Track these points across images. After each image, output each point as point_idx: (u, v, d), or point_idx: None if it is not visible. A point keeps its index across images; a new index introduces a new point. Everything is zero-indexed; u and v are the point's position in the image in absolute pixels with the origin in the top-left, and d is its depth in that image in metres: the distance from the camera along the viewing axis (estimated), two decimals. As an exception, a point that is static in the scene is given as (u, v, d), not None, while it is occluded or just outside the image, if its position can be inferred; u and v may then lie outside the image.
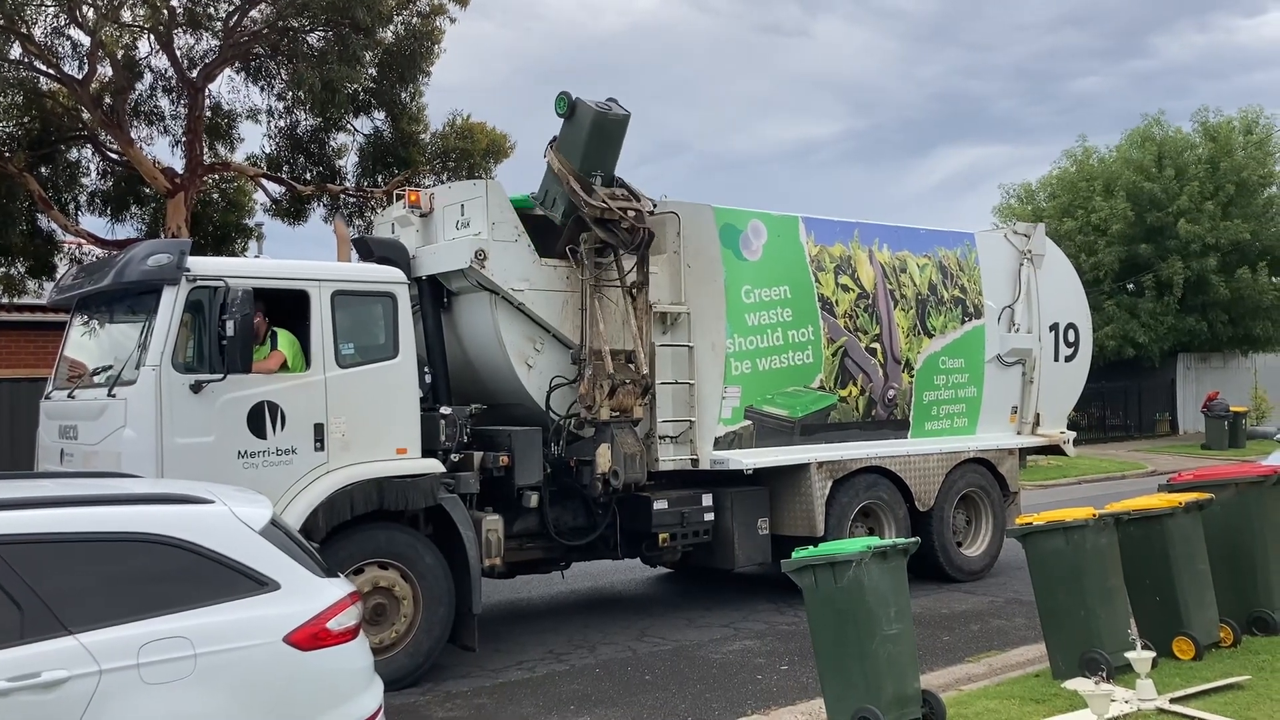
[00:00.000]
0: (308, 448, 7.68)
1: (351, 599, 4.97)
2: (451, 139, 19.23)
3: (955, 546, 11.61)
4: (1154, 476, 22.38)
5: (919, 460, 11.19)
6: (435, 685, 8.03)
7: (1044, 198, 35.14)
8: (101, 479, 6.12)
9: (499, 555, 8.59)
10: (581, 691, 7.83)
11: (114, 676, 4.19)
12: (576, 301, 9.34)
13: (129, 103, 18.24)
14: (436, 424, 8.47)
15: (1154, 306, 31.71)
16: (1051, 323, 12.60)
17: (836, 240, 10.88)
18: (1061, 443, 12.79)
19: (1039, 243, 12.52)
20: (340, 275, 8.27)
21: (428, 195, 9.66)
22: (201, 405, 7.30)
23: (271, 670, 4.57)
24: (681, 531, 9.73)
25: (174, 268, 7.37)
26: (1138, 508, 7.74)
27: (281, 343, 7.91)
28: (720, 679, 8.08)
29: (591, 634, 9.61)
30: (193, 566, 4.56)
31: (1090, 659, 7.06)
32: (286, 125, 19.55)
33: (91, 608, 4.30)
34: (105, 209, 19.70)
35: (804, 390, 10.48)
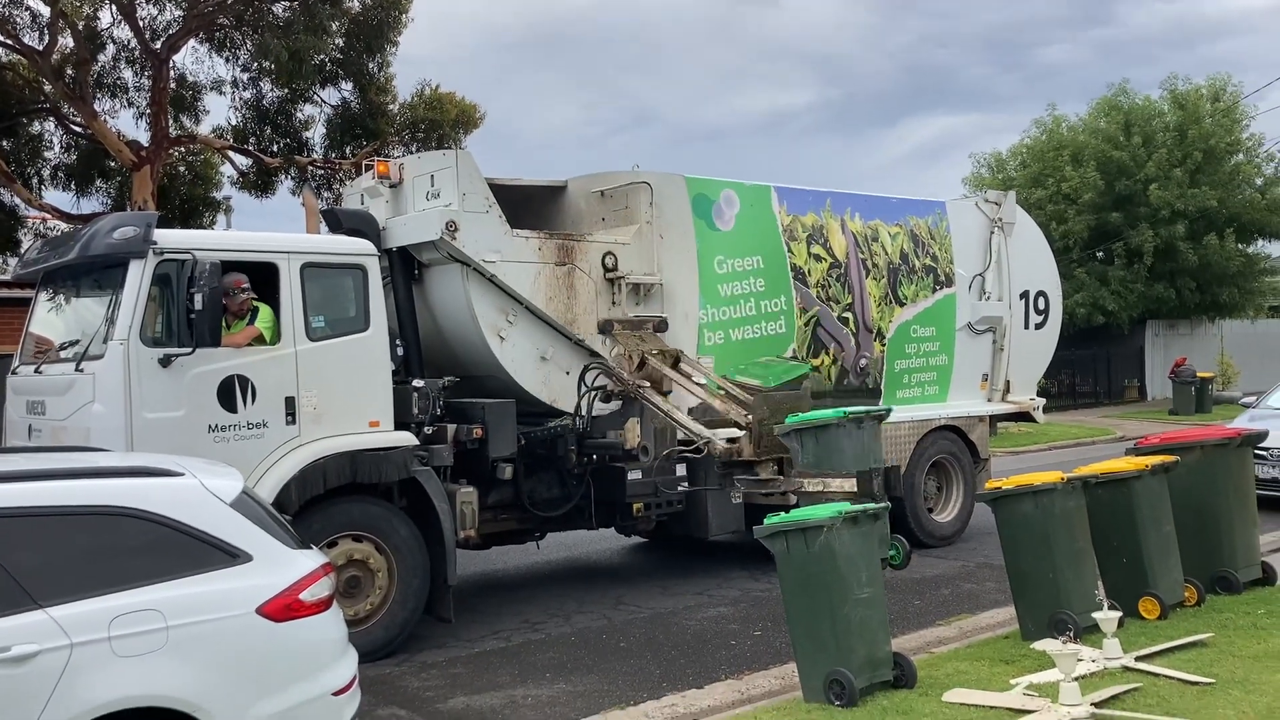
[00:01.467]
0: (279, 421, 7.63)
1: (324, 570, 4.98)
2: (420, 109, 19.10)
3: (926, 512, 11.72)
4: (1122, 442, 22.65)
5: (890, 428, 11.14)
6: (410, 656, 8.05)
7: (1014, 166, 35.27)
8: (70, 453, 6.07)
9: (474, 527, 8.55)
10: (557, 660, 7.87)
11: (85, 650, 4.18)
12: (549, 273, 9.28)
13: (91, 75, 17.98)
14: (409, 397, 8.43)
15: (1124, 274, 31.96)
16: (1022, 290, 12.69)
17: (809, 209, 10.89)
18: (1031, 409, 12.91)
19: (1009, 211, 12.59)
20: (310, 247, 8.20)
21: (397, 166, 9.57)
22: (171, 379, 7.24)
23: (244, 642, 4.58)
24: (656, 501, 9.71)
25: (141, 240, 7.28)
26: (1105, 471, 7.83)
27: (261, 318, 7.82)
28: (694, 645, 8.15)
29: (567, 603, 9.65)
30: (163, 539, 4.55)
31: (1059, 620, 7.16)
32: (252, 97, 19.37)
33: (62, 581, 4.29)
34: (69, 183, 19.47)
35: (777, 360, 10.51)
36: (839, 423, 7.39)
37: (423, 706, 6.91)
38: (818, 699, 6.22)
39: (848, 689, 6.10)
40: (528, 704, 6.88)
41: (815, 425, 7.47)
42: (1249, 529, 8.70)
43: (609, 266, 9.63)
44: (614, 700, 6.85)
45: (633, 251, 9.79)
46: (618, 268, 9.67)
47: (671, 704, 6.68)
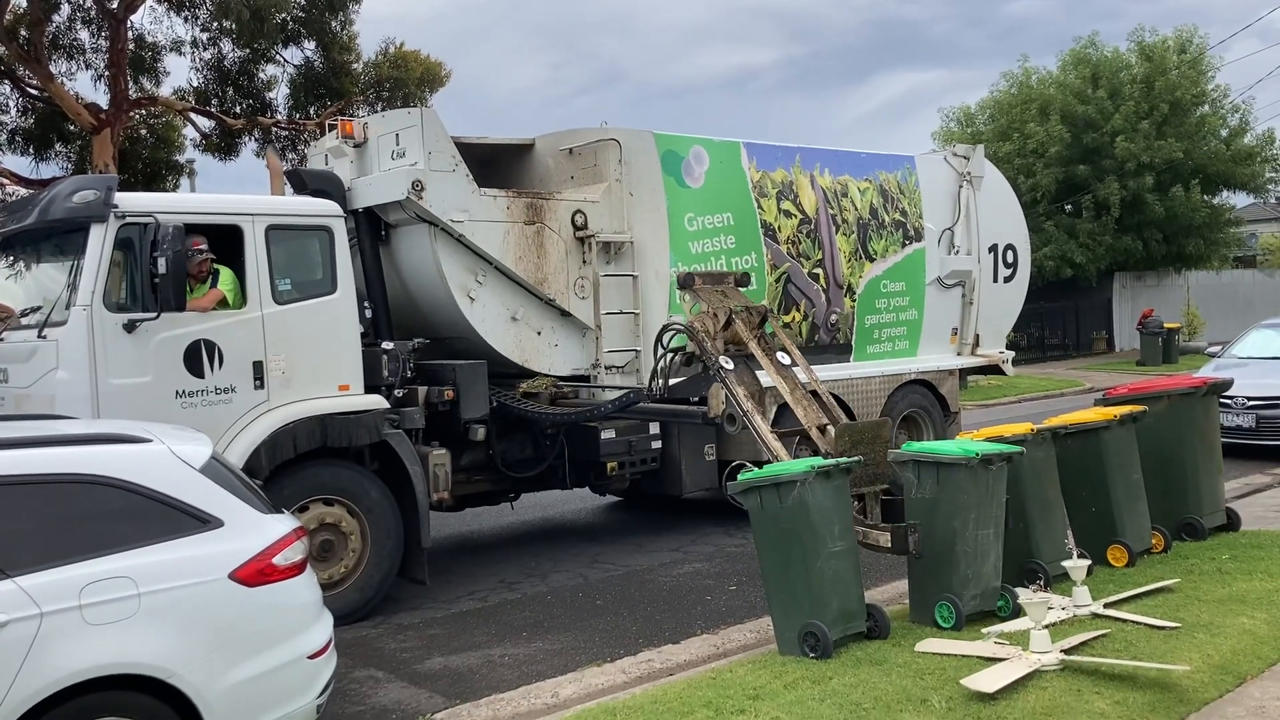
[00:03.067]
0: (247, 386, 7.59)
1: (296, 534, 4.95)
2: (385, 68, 18.87)
3: None
4: (1091, 393, 22.88)
5: (861, 383, 11.32)
6: (387, 618, 8.05)
7: (983, 121, 35.30)
8: (35, 421, 5.99)
9: (446, 489, 8.54)
10: (534, 619, 7.91)
11: (56, 619, 4.15)
12: (518, 233, 9.19)
13: (46, 36, 17.59)
14: (378, 359, 8.38)
15: (1092, 227, 32.14)
16: (990, 244, 12.74)
17: (778, 165, 10.85)
18: (1000, 362, 13.00)
19: (978, 165, 12.59)
20: (274, 209, 8.08)
21: (361, 125, 9.42)
22: (136, 345, 7.16)
23: (217, 607, 4.56)
24: (629, 460, 9.76)
25: (101, 204, 7.16)
26: (1075, 422, 7.91)
27: (223, 280, 7.74)
28: (670, 601, 8.20)
29: (543, 563, 9.68)
30: (133, 506, 4.51)
31: (1029, 569, 7.25)
32: (213, 57, 19.06)
33: (30, 550, 4.25)
34: (27, 147, 19.12)
35: None
36: (968, 462, 6.56)
37: (400, 668, 6.92)
38: (793, 651, 6.28)
39: (822, 641, 6.17)
40: (505, 663, 6.91)
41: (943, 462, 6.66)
42: (1214, 476, 8.83)
43: (579, 225, 9.55)
44: (591, 657, 6.89)
45: (602, 210, 9.72)
46: (588, 226, 9.59)
47: (648, 660, 6.73)
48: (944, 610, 6.64)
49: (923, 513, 6.77)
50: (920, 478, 6.79)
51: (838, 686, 5.73)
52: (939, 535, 6.68)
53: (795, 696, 5.62)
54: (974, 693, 5.47)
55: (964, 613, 6.59)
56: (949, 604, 6.62)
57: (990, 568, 6.78)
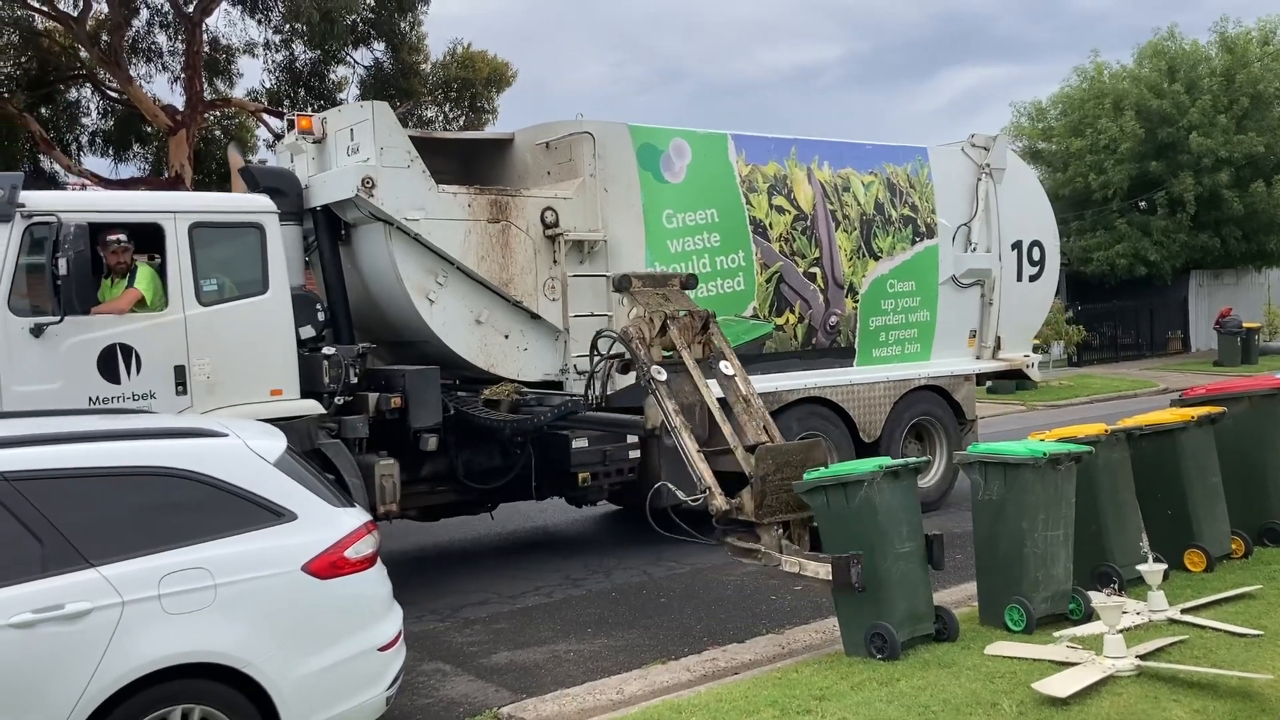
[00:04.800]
0: (168, 391, 7.23)
1: (367, 528, 5.02)
2: (453, 68, 19.05)
3: None
4: (1166, 394, 22.37)
5: (863, 389, 10.73)
6: (454, 612, 8.14)
7: (1054, 116, 34.66)
8: (117, 415, 6.15)
9: (394, 501, 8.12)
10: (598, 615, 7.93)
11: (136, 607, 4.26)
12: (480, 231, 8.80)
13: (126, 40, 18.04)
14: (319, 364, 7.96)
15: (1166, 224, 31.41)
16: (1014, 241, 12.05)
17: (770, 159, 10.37)
18: (1025, 367, 12.32)
19: (1000, 156, 11.88)
20: (198, 206, 7.77)
21: (319, 120, 9.03)
22: (45, 350, 6.83)
23: (291, 599, 4.64)
24: (604, 470, 9.19)
25: (5, 203, 6.85)
26: (1150, 422, 7.73)
27: (140, 279, 7.39)
28: (735, 601, 8.17)
29: (607, 559, 9.70)
30: (209, 499, 4.61)
31: (1102, 572, 7.11)
32: (285, 59, 19.41)
33: (112, 541, 4.36)
34: (107, 149, 19.65)
35: (735, 319, 9.94)
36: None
37: (467, 661, 6.99)
38: (859, 652, 6.23)
39: (889, 642, 6.10)
40: (570, 658, 6.94)
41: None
42: (1297, 480, 8.57)
43: (549, 223, 9.14)
44: (655, 654, 6.89)
45: (575, 206, 9.28)
46: (558, 224, 9.17)
47: (712, 658, 6.71)
48: (1014, 613, 6.53)
49: (990, 514, 6.67)
50: (987, 479, 6.68)
51: (905, 689, 5.67)
52: (1007, 537, 6.58)
53: (862, 698, 5.57)
54: (1046, 697, 5.38)
55: (1035, 616, 6.48)
56: (1019, 607, 6.52)
57: (1061, 570, 6.66)
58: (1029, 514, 6.50)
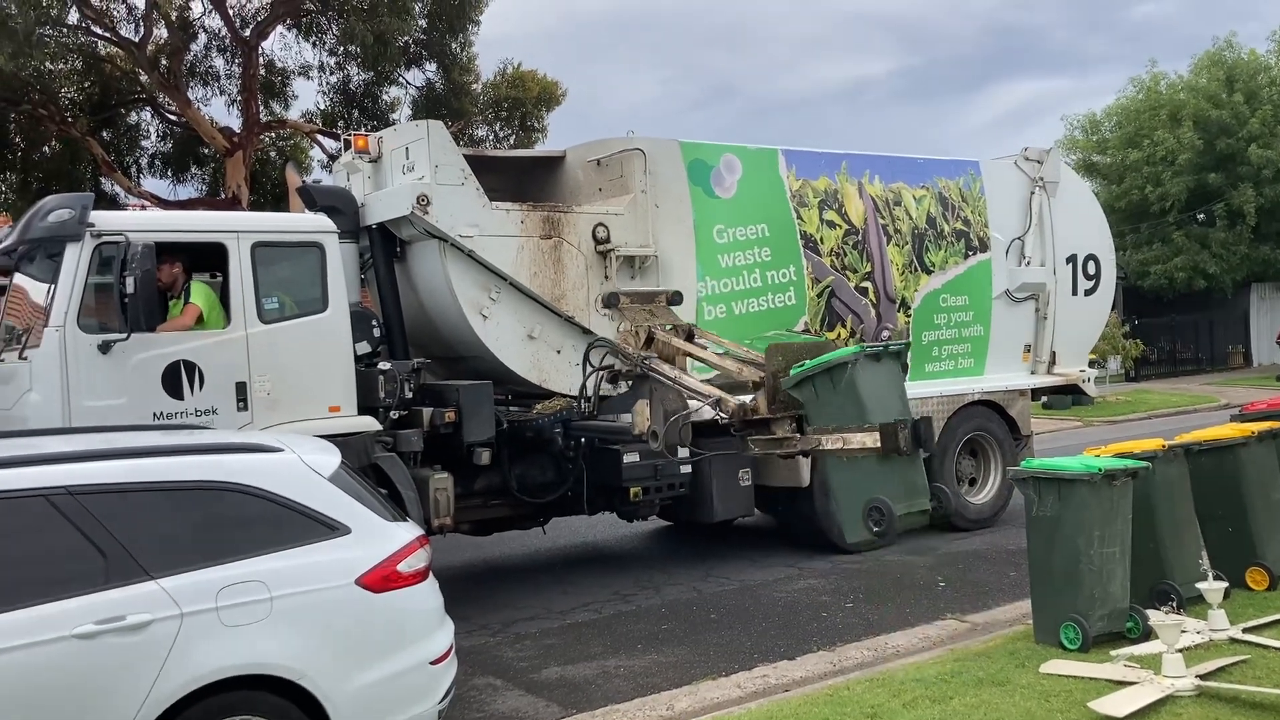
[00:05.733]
0: (229, 408, 7.31)
1: (420, 542, 5.07)
2: (503, 88, 19.23)
3: (960, 494, 11.06)
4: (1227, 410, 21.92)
5: (917, 405, 10.31)
6: (505, 627, 8.18)
7: (1109, 128, 34.22)
8: (176, 430, 6.28)
9: (449, 515, 8.17)
10: (648, 631, 7.93)
11: (195, 619, 4.33)
12: (533, 247, 8.86)
13: (185, 64, 18.45)
14: (375, 380, 8.01)
15: (1225, 236, 30.87)
16: (1069, 254, 11.93)
17: (821, 173, 10.36)
18: (1081, 382, 12.14)
19: (1053, 169, 11.81)
20: (261, 226, 7.89)
21: (375, 140, 9.20)
22: (112, 366, 6.94)
23: (345, 612, 4.70)
24: (655, 485, 9.21)
25: (76, 223, 7.00)
26: (1210, 438, 7.60)
27: (195, 295, 7.52)
28: (785, 617, 8.13)
29: (656, 575, 9.70)
30: (266, 512, 4.68)
31: (1161, 590, 6.98)
32: (339, 80, 19.70)
33: (171, 554, 4.44)
34: (166, 170, 20.04)
35: (786, 334, 9.87)
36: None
37: (517, 676, 7.02)
38: (859, 535, 6.60)
39: (887, 515, 6.37)
40: (620, 674, 6.95)
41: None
42: (1363, 497, 8.36)
43: (600, 239, 9.16)
44: (705, 671, 6.87)
45: (626, 222, 9.30)
46: (609, 240, 9.19)
47: (763, 675, 6.69)
48: (1069, 631, 6.44)
49: (1044, 531, 6.59)
50: (1041, 495, 6.61)
51: (959, 707, 5.61)
52: (1062, 553, 6.49)
53: (914, 716, 5.52)
54: (1102, 716, 5.30)
55: (1091, 634, 6.39)
56: (1075, 624, 6.42)
57: (1118, 587, 6.56)
58: (1084, 531, 6.41)
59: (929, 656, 6.69)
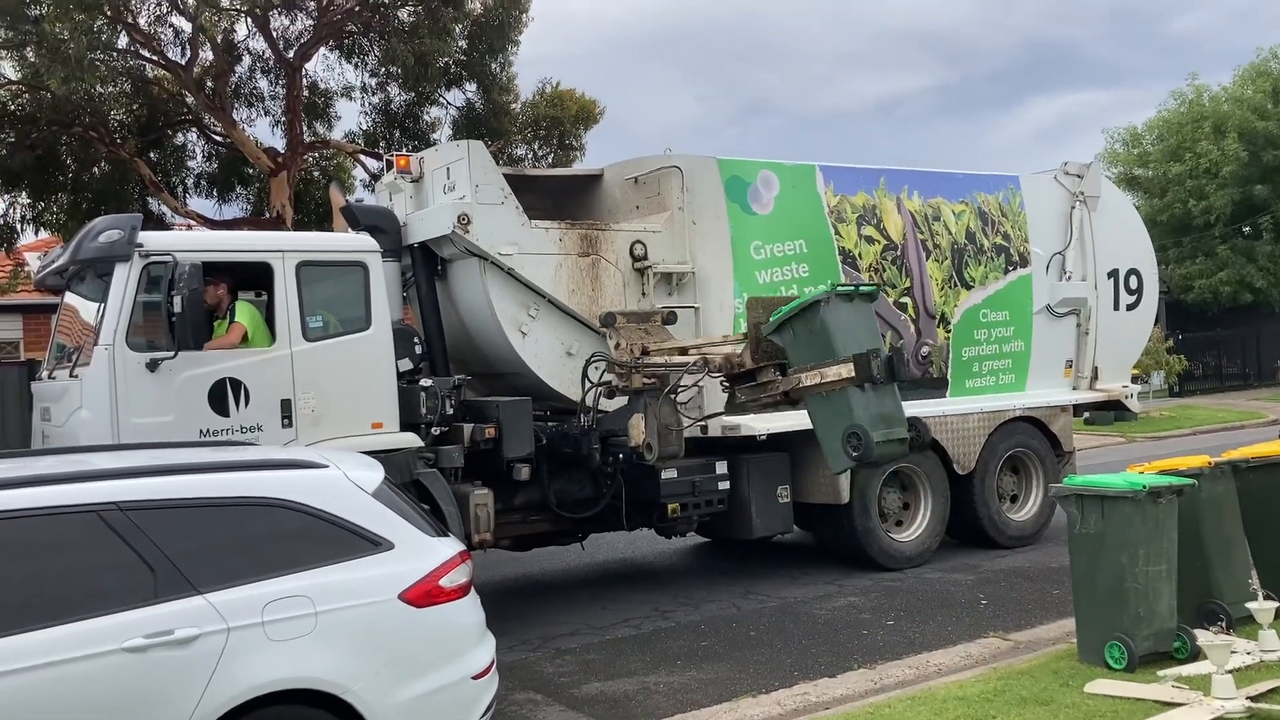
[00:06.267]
0: (274, 425, 7.42)
1: (461, 557, 5.12)
2: (542, 107, 19.32)
3: (1002, 511, 11.03)
4: (1275, 426, 21.58)
5: (956, 420, 10.57)
6: (545, 642, 8.20)
7: (1150, 141, 33.86)
8: (222, 446, 6.37)
9: (489, 530, 8.22)
10: (687, 647, 7.92)
11: (241, 633, 4.40)
12: (571, 265, 8.96)
13: (230, 85, 18.72)
14: (417, 397, 8.10)
15: (1272, 249, 30.40)
16: (1110, 269, 11.83)
17: (859, 189, 10.35)
18: (1124, 398, 12.01)
19: (1094, 183, 11.72)
20: (305, 246, 8.04)
21: (417, 160, 9.33)
22: (160, 384, 7.08)
23: (388, 627, 4.74)
24: (694, 501, 9.29)
25: (125, 244, 7.16)
26: (1258, 454, 7.48)
27: (240, 315, 7.64)
28: (826, 634, 8.10)
29: (695, 591, 9.69)
30: (311, 528, 4.75)
31: (1209, 610, 6.88)
32: (381, 101, 19.86)
33: (218, 568, 4.52)
34: (212, 190, 20.29)
35: None
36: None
37: (558, 692, 7.03)
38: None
39: (865, 441, 6.76)
40: (660, 690, 6.95)
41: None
42: None
43: (638, 256, 9.26)
44: (745, 688, 6.86)
45: (663, 239, 9.38)
46: (647, 257, 9.29)
47: (804, 693, 6.66)
48: (1115, 650, 6.36)
49: (1088, 549, 6.53)
50: (1084, 512, 6.55)
51: (1002, 726, 5.55)
52: (1106, 572, 6.42)
53: (957, 735, 5.47)
54: (1149, 738, 5.22)
55: (1137, 653, 6.30)
56: (1120, 644, 6.34)
57: (1164, 607, 6.47)
58: (1129, 549, 6.34)
59: (971, 675, 6.64)
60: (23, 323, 20.74)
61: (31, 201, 18.33)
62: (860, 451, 6.83)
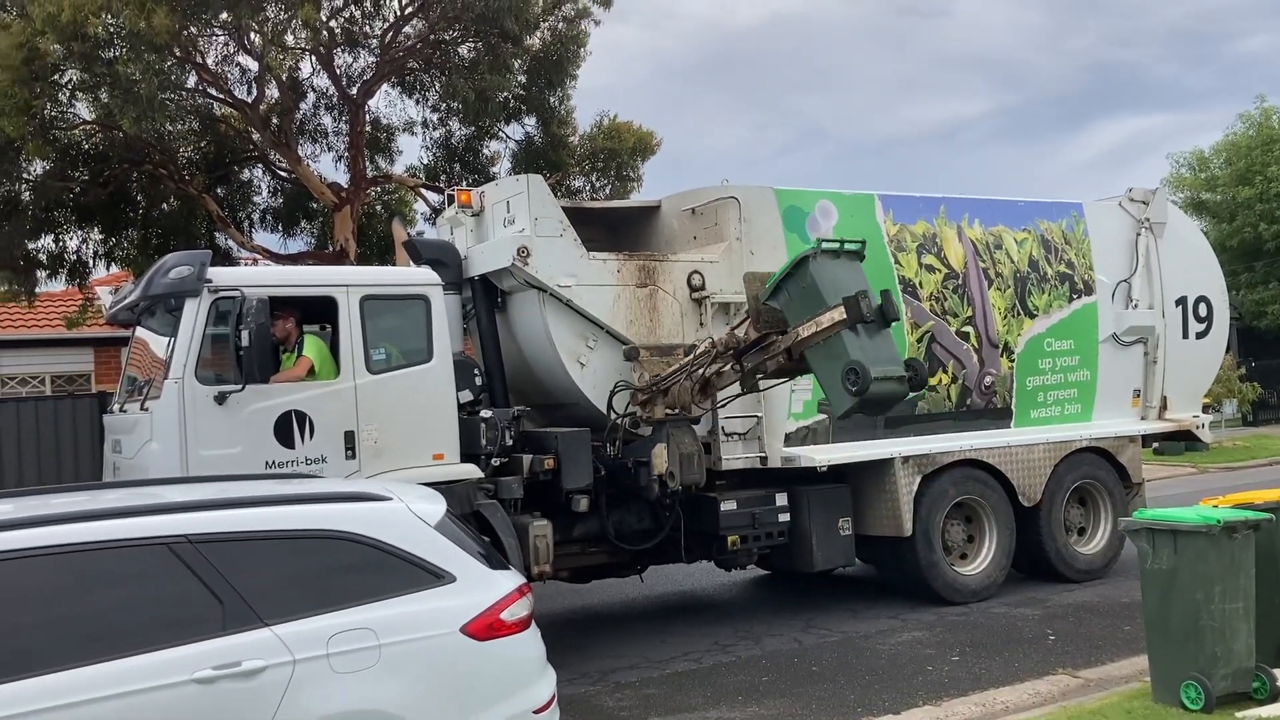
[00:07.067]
0: (338, 456, 7.53)
1: (521, 591, 5.12)
2: (599, 139, 19.45)
3: (1069, 544, 10.80)
4: (1354, 456, 20.95)
5: (1021, 451, 10.39)
6: (604, 676, 8.17)
7: (1218, 165, 33.20)
8: (288, 479, 6.46)
9: (549, 561, 8.24)
10: (748, 683, 7.85)
11: (307, 666, 4.44)
12: (629, 296, 9.00)
13: (295, 122, 19.10)
14: (477, 428, 8.17)
15: (1351, 274, 29.60)
16: (1178, 296, 11.63)
17: (919, 218, 10.28)
18: (1195, 428, 11.74)
19: (1159, 210, 11.54)
20: (369, 280, 8.19)
21: (478, 194, 9.45)
22: (227, 416, 7.22)
23: (450, 660, 4.75)
24: (754, 533, 9.23)
25: (195, 279, 7.34)
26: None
27: (308, 348, 7.78)
28: (889, 670, 7.97)
29: (756, 625, 9.61)
30: (375, 561, 4.78)
31: (1288, 650, 6.68)
32: (441, 136, 20.13)
33: (284, 601, 4.56)
34: (277, 225, 20.68)
35: None
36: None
37: (618, 726, 7.00)
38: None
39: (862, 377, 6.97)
40: (721, 726, 6.88)
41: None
42: None
43: (695, 286, 9.29)
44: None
45: (721, 270, 9.38)
46: (705, 287, 9.31)
47: (868, 730, 6.56)
48: (1191, 690, 6.19)
49: (1160, 585, 6.37)
50: (1155, 547, 6.40)
51: (1073, 767, 5.42)
52: (1180, 609, 6.26)
53: (1027, 776, 5.35)
54: (1228, 782, 5.07)
55: (1214, 694, 6.13)
56: (1197, 684, 6.17)
57: (1242, 645, 6.29)
58: (1203, 585, 6.17)
59: (1039, 713, 6.51)
60: (94, 355, 21.26)
61: (104, 237, 18.82)
62: (858, 386, 7.04)
